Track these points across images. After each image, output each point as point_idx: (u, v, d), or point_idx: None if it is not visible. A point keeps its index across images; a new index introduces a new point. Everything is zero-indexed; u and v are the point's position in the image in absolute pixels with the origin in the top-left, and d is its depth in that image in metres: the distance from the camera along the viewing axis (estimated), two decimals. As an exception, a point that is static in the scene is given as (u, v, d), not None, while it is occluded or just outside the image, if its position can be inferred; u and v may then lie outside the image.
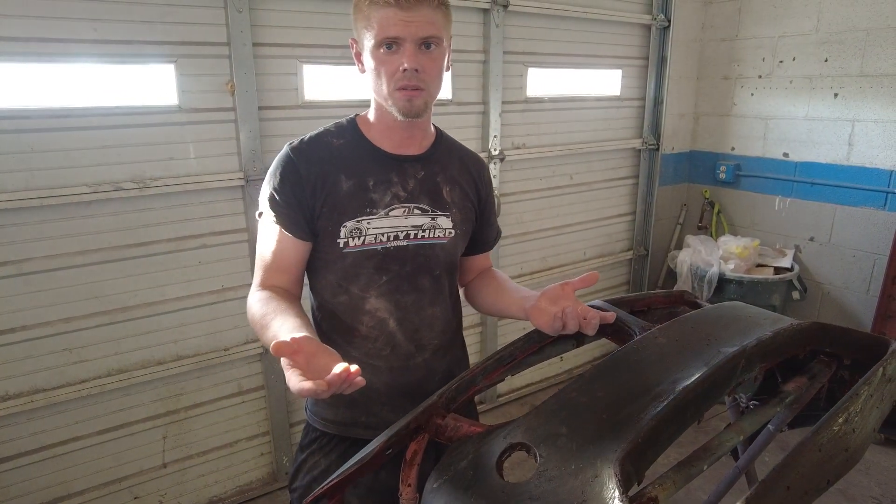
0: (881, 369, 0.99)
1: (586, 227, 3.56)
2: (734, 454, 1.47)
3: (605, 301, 1.28)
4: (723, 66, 3.71)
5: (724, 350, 0.96)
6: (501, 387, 3.38)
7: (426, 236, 1.26)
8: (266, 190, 1.21)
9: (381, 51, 1.11)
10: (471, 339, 3.22)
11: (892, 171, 3.08)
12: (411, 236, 1.24)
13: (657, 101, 3.61)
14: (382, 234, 1.22)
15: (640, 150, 3.68)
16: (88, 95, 1.98)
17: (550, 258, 3.44)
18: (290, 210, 1.19)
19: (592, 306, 1.27)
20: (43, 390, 2.06)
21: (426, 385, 1.29)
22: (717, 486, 1.46)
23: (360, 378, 0.87)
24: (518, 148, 3.09)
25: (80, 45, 1.91)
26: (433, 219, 1.26)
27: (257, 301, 1.16)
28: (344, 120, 1.28)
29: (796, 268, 3.41)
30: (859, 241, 3.27)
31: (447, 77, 2.71)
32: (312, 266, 1.27)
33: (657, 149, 3.67)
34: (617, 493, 0.73)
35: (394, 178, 1.23)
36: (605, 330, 1.23)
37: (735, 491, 1.39)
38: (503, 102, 2.93)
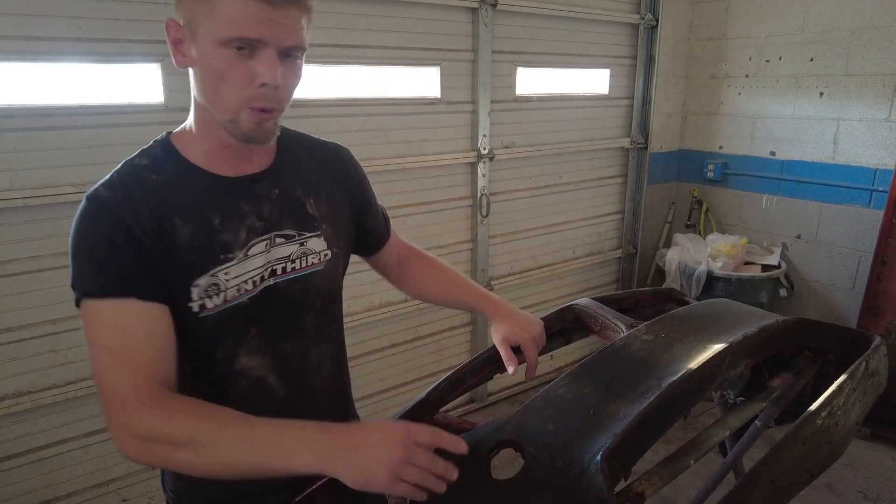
0: (864, 363, 1.01)
1: (576, 225, 3.58)
2: (722, 451, 1.48)
3: (594, 299, 1.28)
4: (710, 66, 3.73)
5: (709, 346, 0.97)
6: (492, 385, 3.38)
7: (297, 267, 1.03)
8: (88, 263, 0.87)
9: (230, 51, 0.84)
10: (461, 337, 3.22)
11: (876, 170, 3.12)
12: (278, 272, 1.00)
13: (645, 101, 3.63)
14: (245, 282, 0.96)
15: (628, 149, 3.70)
16: (73, 94, 1.95)
17: (540, 257, 3.45)
18: (139, 272, 0.88)
19: (580, 304, 1.28)
20: (28, 392, 2.04)
21: None
22: (705, 482, 1.47)
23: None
24: (507, 147, 3.09)
25: (65, 44, 1.88)
26: (302, 244, 1.03)
27: (170, 418, 0.82)
28: (155, 144, 0.98)
29: (783, 265, 3.44)
30: (845, 239, 3.30)
31: (435, 75, 2.76)
32: None
33: (646, 147, 3.69)
34: (604, 489, 0.73)
35: (244, 208, 0.97)
36: (592, 328, 1.24)
37: (723, 487, 1.40)
38: (492, 101, 2.93)
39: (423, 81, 2.75)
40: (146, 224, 0.89)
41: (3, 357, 1.99)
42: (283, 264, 1.01)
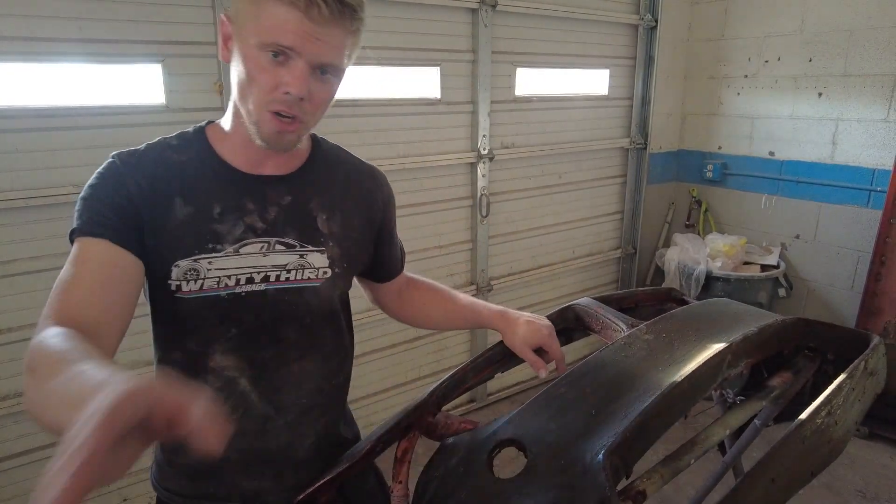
0: (863, 363, 1.01)
1: (575, 225, 3.58)
2: (722, 449, 1.49)
3: (594, 299, 1.29)
4: (709, 66, 3.74)
5: (710, 346, 0.97)
6: (492, 384, 3.39)
7: (291, 279, 1.00)
8: (82, 205, 0.92)
9: (265, 55, 0.85)
10: (461, 337, 3.23)
11: (874, 170, 3.13)
12: (271, 279, 0.99)
13: (645, 101, 3.64)
14: (229, 277, 0.96)
15: (628, 150, 3.71)
16: (74, 95, 1.96)
17: (540, 257, 3.45)
18: (117, 220, 0.90)
19: (581, 304, 1.28)
20: (29, 393, 2.04)
21: (291, 451, 1.07)
22: (705, 480, 1.47)
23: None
24: (507, 147, 3.10)
25: (66, 45, 1.89)
26: (302, 256, 1.01)
27: (50, 339, 0.74)
28: (190, 129, 1.02)
29: (782, 265, 3.45)
30: (843, 239, 3.31)
31: (435, 75, 2.77)
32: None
33: (645, 148, 3.69)
34: (606, 487, 0.74)
35: (248, 205, 0.98)
36: (593, 327, 1.25)
37: (723, 485, 1.41)
38: (492, 102, 2.94)
39: (423, 82, 2.76)
40: (145, 192, 0.92)
41: (4, 357, 1.99)
42: (278, 272, 0.99)
